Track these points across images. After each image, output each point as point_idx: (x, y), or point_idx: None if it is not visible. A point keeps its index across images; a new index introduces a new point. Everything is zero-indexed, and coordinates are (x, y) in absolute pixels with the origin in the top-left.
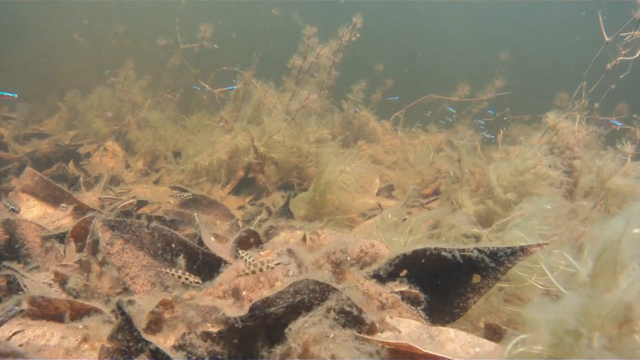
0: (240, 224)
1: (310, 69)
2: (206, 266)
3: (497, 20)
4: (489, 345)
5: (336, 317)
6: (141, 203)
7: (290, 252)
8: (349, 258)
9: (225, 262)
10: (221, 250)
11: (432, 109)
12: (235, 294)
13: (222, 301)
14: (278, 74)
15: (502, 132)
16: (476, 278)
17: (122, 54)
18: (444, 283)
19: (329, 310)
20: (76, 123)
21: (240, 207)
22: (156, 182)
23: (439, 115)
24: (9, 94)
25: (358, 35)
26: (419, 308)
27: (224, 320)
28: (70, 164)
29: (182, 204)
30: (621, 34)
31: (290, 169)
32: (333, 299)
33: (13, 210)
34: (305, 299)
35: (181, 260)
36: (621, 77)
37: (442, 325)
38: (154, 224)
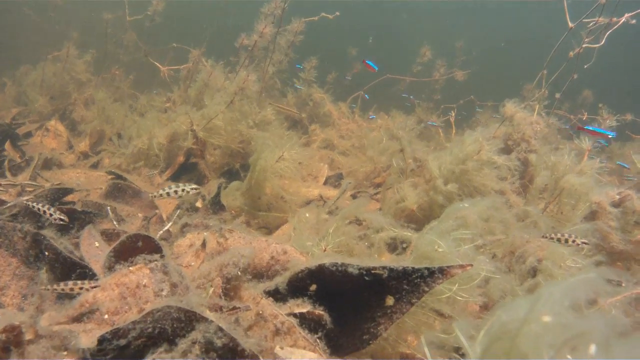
0: (164, 216)
1: (264, 49)
2: (80, 278)
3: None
4: None
5: (201, 351)
6: (66, 191)
7: (164, 267)
8: (240, 273)
9: (94, 275)
10: (98, 259)
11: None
12: (98, 317)
13: (81, 325)
14: (231, 53)
15: (453, 114)
16: (390, 300)
17: (69, 27)
18: (353, 304)
19: (193, 343)
20: (15, 104)
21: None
22: (95, 166)
23: (403, 98)
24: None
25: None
26: (322, 332)
27: (77, 349)
28: (7, 145)
29: (107, 193)
30: (584, 20)
31: (233, 154)
32: (200, 329)
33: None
34: (167, 329)
35: (44, 274)
36: (585, 66)
37: (349, 354)
38: (27, 227)
